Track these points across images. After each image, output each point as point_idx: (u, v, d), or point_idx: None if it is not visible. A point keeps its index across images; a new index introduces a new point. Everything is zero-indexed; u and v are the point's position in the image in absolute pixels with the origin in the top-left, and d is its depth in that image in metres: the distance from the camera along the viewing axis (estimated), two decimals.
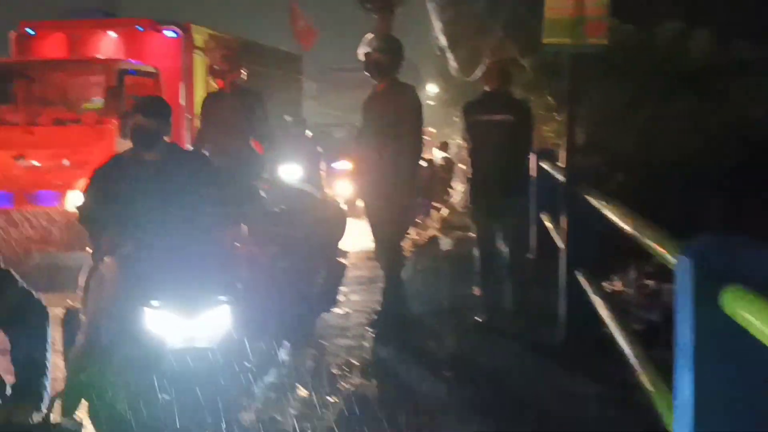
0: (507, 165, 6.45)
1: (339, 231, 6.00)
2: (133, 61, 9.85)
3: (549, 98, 11.64)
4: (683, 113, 10.25)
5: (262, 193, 5.31)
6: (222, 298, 3.50)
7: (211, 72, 6.75)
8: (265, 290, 4.85)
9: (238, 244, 4.53)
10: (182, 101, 9.39)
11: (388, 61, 6.15)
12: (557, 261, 6.12)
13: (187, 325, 3.39)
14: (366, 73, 6.30)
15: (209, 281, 3.52)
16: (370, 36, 6.33)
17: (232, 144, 6.31)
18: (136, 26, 10.49)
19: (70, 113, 8.69)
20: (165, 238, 3.62)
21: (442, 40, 24.33)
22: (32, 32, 10.53)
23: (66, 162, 8.51)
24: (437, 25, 23.41)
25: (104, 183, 3.97)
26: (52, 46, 10.55)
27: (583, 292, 5.16)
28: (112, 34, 10.46)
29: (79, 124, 8.74)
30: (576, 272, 5.51)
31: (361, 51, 6.24)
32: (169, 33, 10.43)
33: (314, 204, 5.64)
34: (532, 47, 12.22)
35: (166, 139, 4.07)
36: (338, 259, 6.27)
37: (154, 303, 3.36)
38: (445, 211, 16.62)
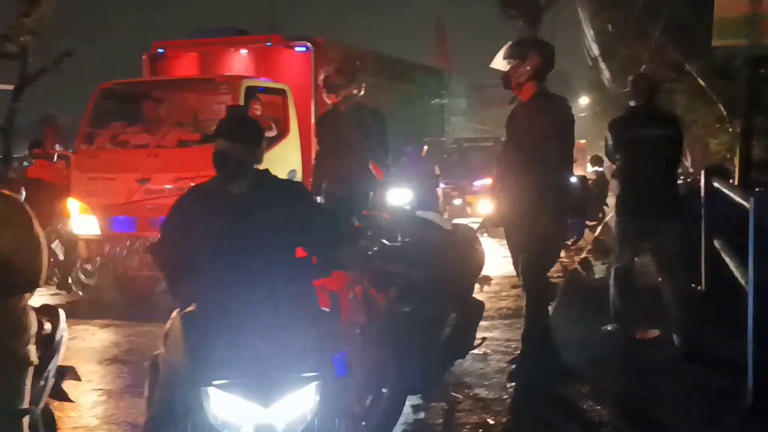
0: (661, 184, 6.13)
1: (474, 266, 5.18)
2: (262, 78, 9.46)
3: (719, 108, 10.38)
4: None
5: (380, 224, 4.56)
6: (309, 374, 2.75)
7: (325, 86, 6.06)
8: (381, 345, 4.12)
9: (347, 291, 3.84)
10: (314, 119, 8.87)
11: (534, 69, 5.40)
12: (734, 296, 5.50)
13: (263, 413, 2.67)
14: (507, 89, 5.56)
15: (296, 354, 2.78)
16: (510, 44, 5.53)
17: (348, 168, 5.62)
18: (267, 43, 10.20)
19: (195, 134, 8.27)
20: (244, 293, 2.92)
21: (595, 49, 23.25)
22: (162, 51, 10.33)
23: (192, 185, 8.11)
24: (589, 33, 22.31)
25: (182, 219, 3.33)
26: (184, 65, 10.39)
27: None
28: (243, 51, 10.14)
29: (203, 145, 8.32)
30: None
31: (499, 61, 5.47)
32: (299, 48, 10.06)
33: (442, 236, 4.81)
34: (698, 51, 10.99)
35: (257, 167, 3.39)
36: (474, 297, 5.46)
37: (221, 382, 2.66)
38: (599, 230, 15.36)
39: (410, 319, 4.38)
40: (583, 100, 44.42)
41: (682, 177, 14.13)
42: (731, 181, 8.00)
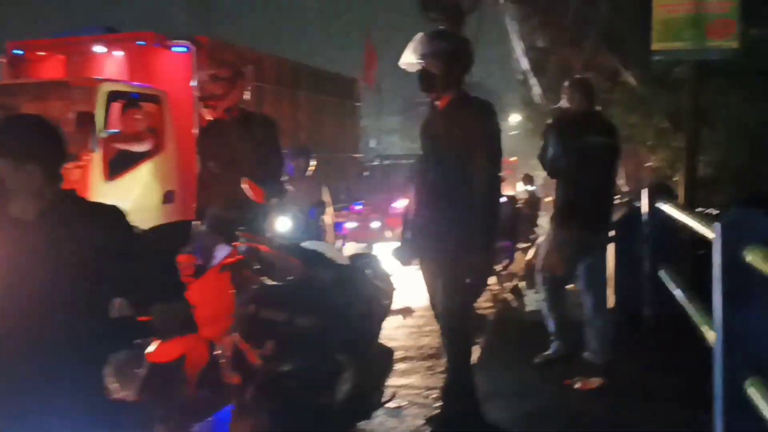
0: (602, 195, 5.99)
1: (379, 308, 4.28)
2: (134, 82, 8.36)
3: (659, 120, 9.74)
4: None
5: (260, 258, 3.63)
6: None
7: (201, 97, 5.10)
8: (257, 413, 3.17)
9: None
10: (197, 131, 7.55)
11: (449, 67, 4.51)
12: (682, 331, 4.99)
13: None
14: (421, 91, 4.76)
15: None
16: (420, 36, 4.70)
17: (236, 189, 4.65)
18: (137, 42, 8.88)
19: None
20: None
21: (524, 63, 22.76)
22: (20, 53, 9.08)
23: None
24: (518, 45, 21.81)
25: None
26: (48, 69, 9.11)
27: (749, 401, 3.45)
28: (118, 53, 8.96)
29: None
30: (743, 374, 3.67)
31: (409, 57, 4.65)
32: (178, 49, 8.80)
33: (336, 273, 3.88)
34: (637, 59, 10.37)
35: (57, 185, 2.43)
36: (381, 343, 4.57)
37: None
38: (531, 254, 14.53)
39: (293, 379, 3.44)
40: (514, 118, 44.53)
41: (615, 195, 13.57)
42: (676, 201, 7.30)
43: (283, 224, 4.35)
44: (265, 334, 3.36)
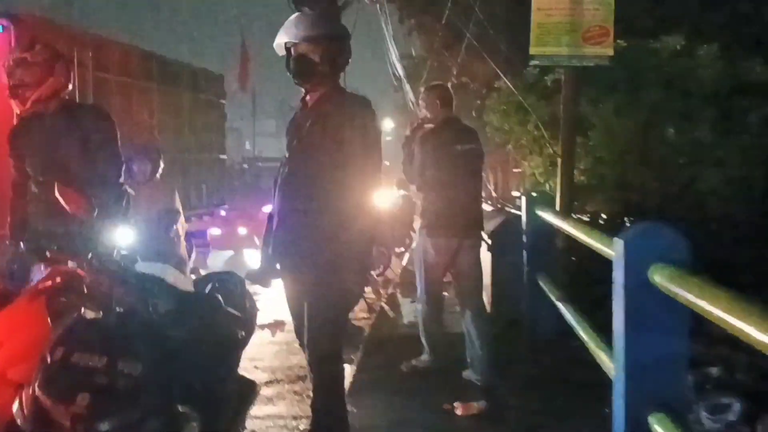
0: (471, 201, 5.79)
1: (233, 339, 3.51)
2: None
3: (533, 128, 9.32)
4: (705, 145, 7.99)
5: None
6: None
7: (9, 85, 4.15)
8: None
9: None
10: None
11: (329, 54, 3.90)
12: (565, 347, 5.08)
13: None
14: (293, 78, 4.02)
15: None
16: (299, 16, 4.00)
17: (46, 199, 3.76)
18: None
19: None
20: None
21: (400, 69, 22.43)
22: None
23: None
24: (393, 52, 21.41)
25: None
26: None
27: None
28: None
29: None
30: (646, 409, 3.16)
31: (284, 38, 3.94)
32: None
33: (175, 302, 3.06)
34: (512, 65, 9.97)
35: None
36: (242, 376, 3.81)
37: None
38: (406, 259, 14.10)
39: None
40: (388, 124, 44.47)
41: (487, 201, 13.23)
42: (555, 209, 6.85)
43: (122, 239, 3.49)
44: (77, 384, 2.55)
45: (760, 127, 8.02)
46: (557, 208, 7.11)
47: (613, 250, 3.48)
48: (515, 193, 15.02)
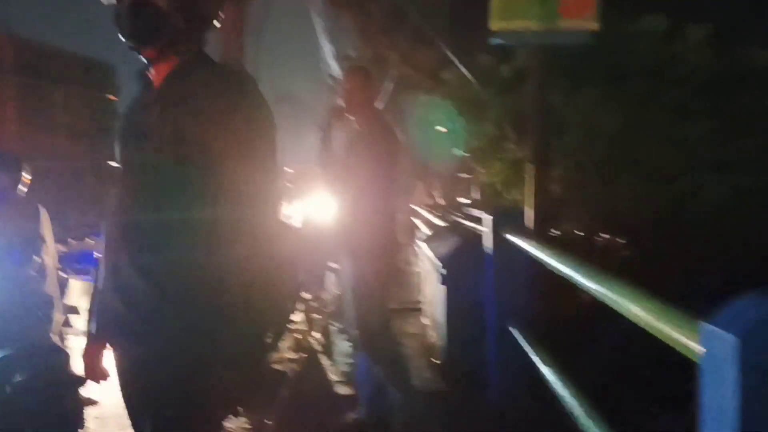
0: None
1: None
2: None
3: (491, 127, 7.65)
4: (703, 145, 6.38)
5: None
6: None
7: None
8: None
9: None
10: None
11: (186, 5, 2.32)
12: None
13: None
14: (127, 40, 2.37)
15: None
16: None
17: None
18: None
19: None
20: None
21: (334, 67, 20.66)
22: None
23: None
24: (328, 49, 19.66)
25: None
26: None
27: None
28: None
29: None
30: None
31: None
32: None
33: None
34: (461, 53, 8.28)
35: None
36: None
37: None
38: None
39: None
40: None
41: (433, 212, 11.54)
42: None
43: None
44: None
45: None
46: (526, 224, 5.46)
47: (701, 343, 1.79)
48: (462, 200, 13.40)
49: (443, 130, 9.41)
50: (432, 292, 6.78)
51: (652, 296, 2.34)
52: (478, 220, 9.00)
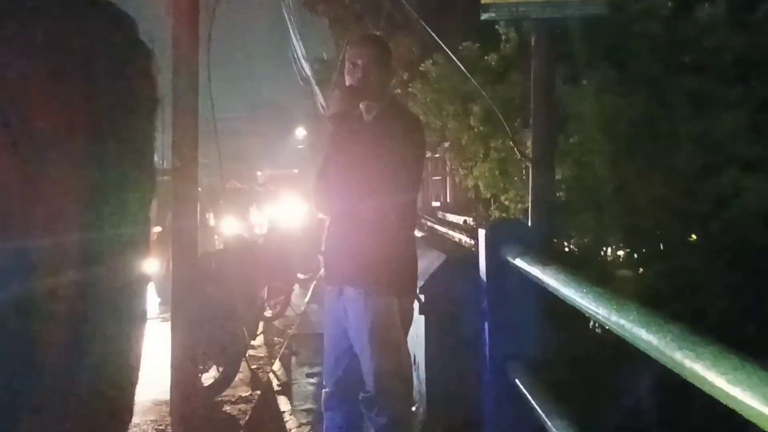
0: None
1: None
2: None
3: (476, 122, 6.57)
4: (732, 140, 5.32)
5: None
6: None
7: None
8: None
9: None
10: None
11: None
12: None
13: None
14: None
15: None
16: None
17: None
18: None
19: None
20: None
21: (307, 68, 19.59)
22: None
23: None
24: (300, 48, 18.61)
25: None
26: None
27: None
28: None
29: None
30: None
31: None
32: None
33: None
34: (443, 40, 7.17)
35: None
36: None
37: None
38: (310, 295, 10.83)
39: None
40: (300, 132, 41.92)
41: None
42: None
43: None
44: None
45: None
46: (528, 237, 4.35)
47: None
48: (436, 204, 12.30)
49: None
50: None
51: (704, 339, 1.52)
52: (459, 228, 7.95)
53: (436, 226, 8.84)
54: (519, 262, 3.56)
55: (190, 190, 4.20)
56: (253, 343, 7.16)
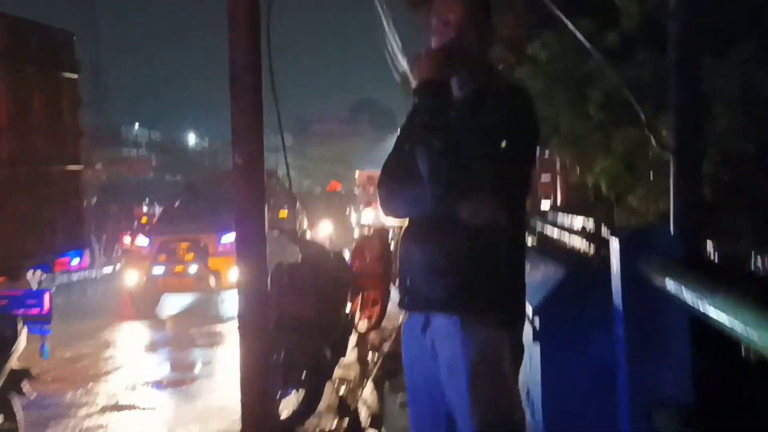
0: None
1: None
2: None
3: (594, 110, 5.69)
4: None
5: None
6: None
7: None
8: None
9: None
10: None
11: None
12: None
13: None
14: None
15: None
16: None
17: None
18: None
19: None
20: None
21: (403, 63, 18.89)
22: None
23: None
24: (395, 41, 17.94)
25: None
26: None
27: None
28: None
29: None
30: None
31: None
32: None
33: None
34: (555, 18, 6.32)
35: None
36: None
37: None
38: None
39: None
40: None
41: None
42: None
43: None
44: None
45: None
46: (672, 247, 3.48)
47: None
48: (546, 206, 11.32)
49: None
50: None
51: None
52: (575, 233, 7.04)
53: (547, 231, 7.95)
54: (668, 283, 2.72)
55: (255, 191, 3.51)
56: (343, 360, 6.48)
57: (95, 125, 42.66)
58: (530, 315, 3.70)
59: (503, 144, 2.67)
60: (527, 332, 3.70)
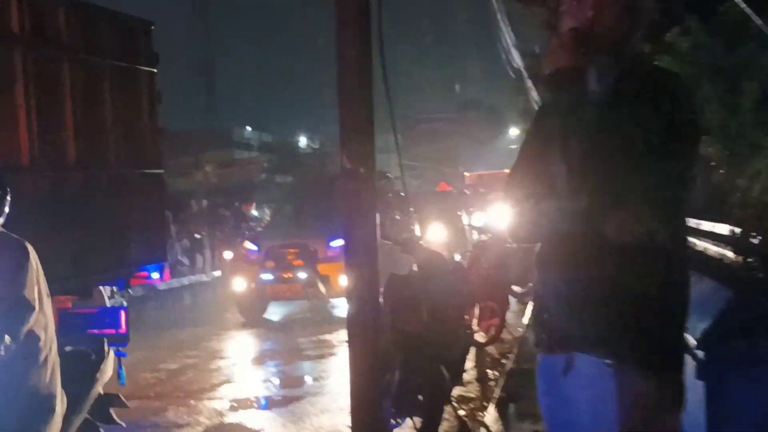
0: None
1: None
2: None
3: (750, 103, 5.02)
4: None
5: None
6: None
7: None
8: None
9: None
10: None
11: None
12: None
13: None
14: None
15: None
16: None
17: None
18: None
19: None
20: None
21: (518, 59, 18.25)
22: None
23: None
24: (509, 35, 17.32)
25: None
26: None
27: None
28: None
29: None
30: None
31: None
32: None
33: None
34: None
35: None
36: None
37: None
38: (531, 305, 9.04)
39: None
40: (513, 132, 40.96)
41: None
42: None
43: None
44: None
45: None
46: None
47: None
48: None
49: None
50: None
51: None
52: (723, 241, 6.29)
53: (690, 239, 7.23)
54: None
55: (365, 196, 3.12)
56: (463, 376, 6.03)
57: (207, 128, 43.61)
58: (693, 346, 3.13)
59: (660, 143, 2.16)
60: (688, 367, 3.13)
